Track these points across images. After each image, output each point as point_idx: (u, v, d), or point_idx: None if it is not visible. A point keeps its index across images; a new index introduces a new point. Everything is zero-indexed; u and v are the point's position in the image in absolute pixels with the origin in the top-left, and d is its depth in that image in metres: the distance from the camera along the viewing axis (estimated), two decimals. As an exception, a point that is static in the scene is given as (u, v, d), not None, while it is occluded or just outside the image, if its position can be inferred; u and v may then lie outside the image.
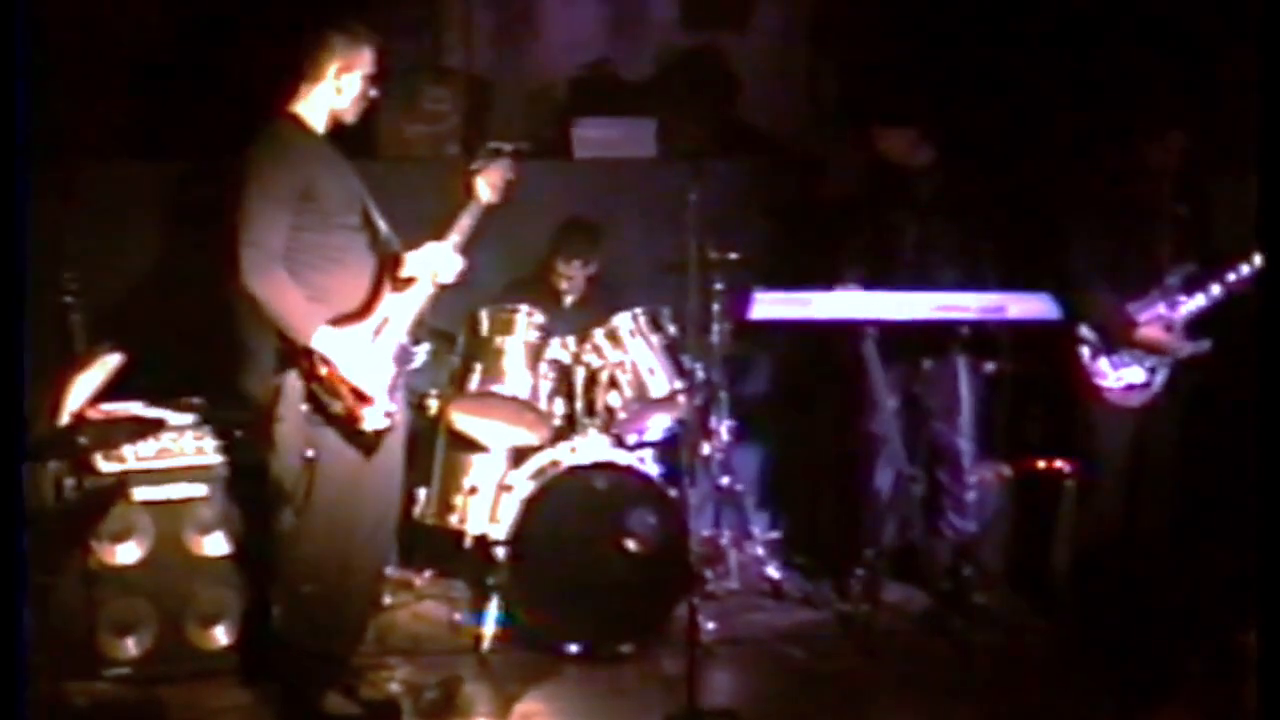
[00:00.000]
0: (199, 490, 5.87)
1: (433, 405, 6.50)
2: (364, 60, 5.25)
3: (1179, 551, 6.54)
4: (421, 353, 5.43)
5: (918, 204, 6.73)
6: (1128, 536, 6.51)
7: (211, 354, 6.57)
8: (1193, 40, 6.81)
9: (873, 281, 6.49)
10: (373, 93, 5.31)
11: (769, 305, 6.17)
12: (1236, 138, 6.40)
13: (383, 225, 5.30)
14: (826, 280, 6.52)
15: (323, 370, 5.01)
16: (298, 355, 5.03)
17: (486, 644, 6.16)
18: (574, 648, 6.16)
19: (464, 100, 7.68)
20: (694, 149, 7.49)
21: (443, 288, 5.38)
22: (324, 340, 5.00)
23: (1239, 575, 6.40)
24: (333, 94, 5.22)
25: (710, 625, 6.28)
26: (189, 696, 5.64)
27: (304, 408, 5.06)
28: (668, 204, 6.40)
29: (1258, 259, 6.04)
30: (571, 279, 7.04)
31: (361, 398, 5.05)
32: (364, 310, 5.15)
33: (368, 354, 5.08)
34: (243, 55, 6.81)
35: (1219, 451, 6.53)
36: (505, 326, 6.34)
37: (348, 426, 5.09)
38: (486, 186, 5.49)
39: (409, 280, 5.25)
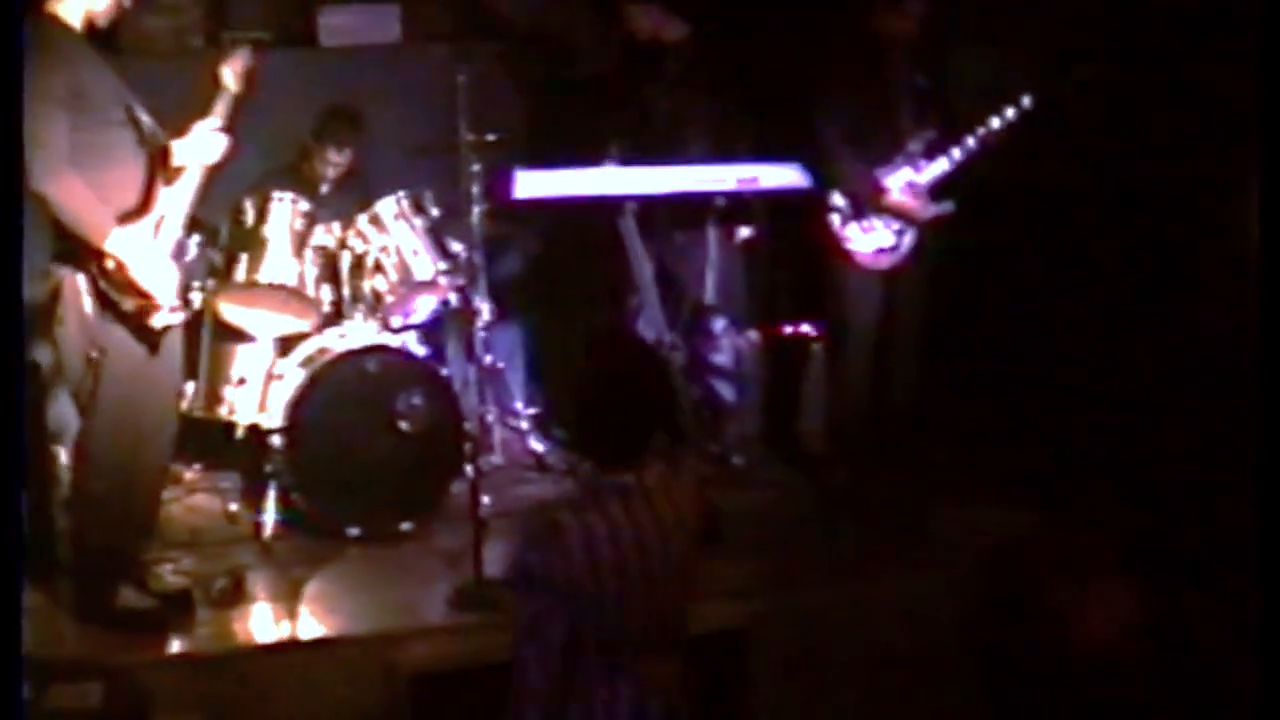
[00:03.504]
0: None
1: (196, 298, 6.46)
2: None
3: (925, 411, 6.89)
4: (193, 245, 5.41)
5: (668, 79, 6.88)
6: (877, 396, 6.81)
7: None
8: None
9: (630, 158, 6.65)
10: (127, 1, 5.26)
11: (532, 184, 6.30)
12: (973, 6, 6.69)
13: (147, 120, 5.26)
14: (584, 159, 6.65)
15: (113, 268, 4.99)
16: (87, 256, 4.99)
17: (267, 532, 6.19)
18: (354, 530, 6.24)
19: (202, -9, 7.56)
20: (444, 32, 7.51)
21: (210, 176, 5.35)
22: (117, 241, 4.97)
23: (980, 436, 6.81)
24: None
25: (485, 499, 6.42)
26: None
27: (89, 306, 5.03)
28: (416, 89, 6.46)
29: (994, 121, 6.36)
30: (336, 165, 7.03)
31: (148, 298, 5.05)
32: (143, 208, 5.12)
33: (153, 250, 5.07)
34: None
35: (964, 310, 6.88)
36: (269, 215, 6.30)
37: (137, 323, 5.08)
38: (231, 76, 5.46)
39: (179, 171, 5.22)
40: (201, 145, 5.27)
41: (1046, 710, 2.16)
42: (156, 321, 5.11)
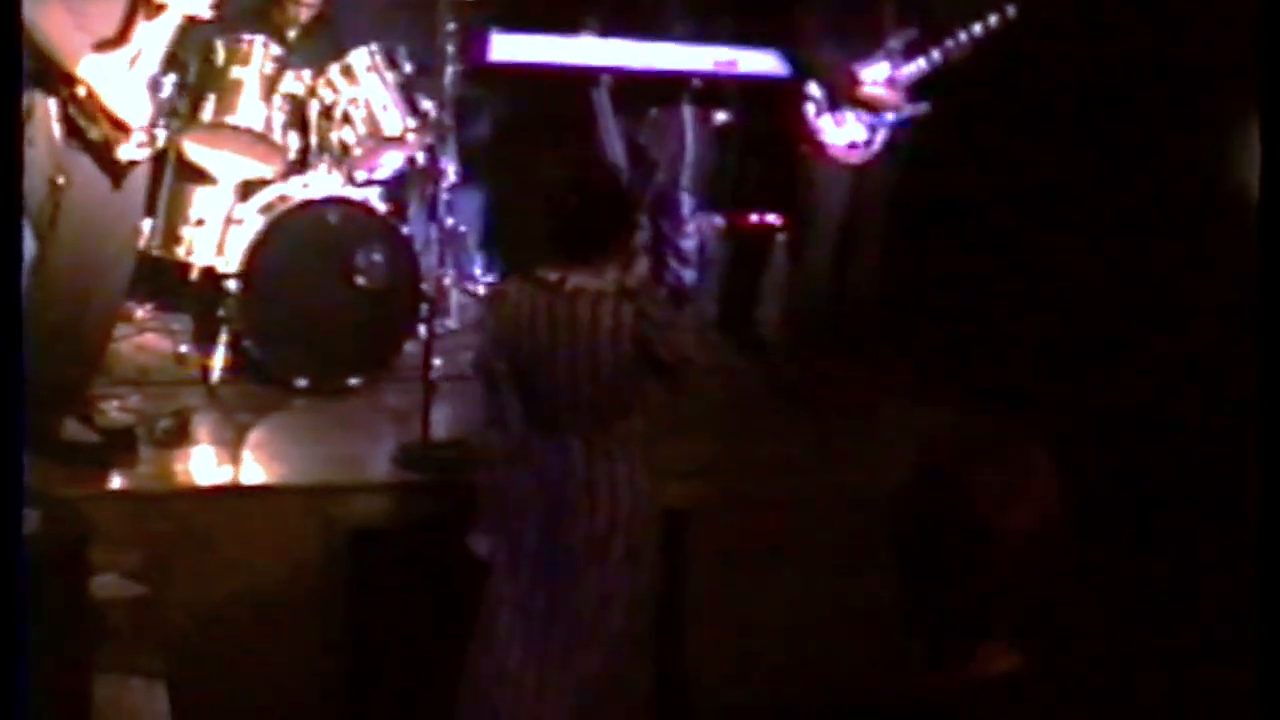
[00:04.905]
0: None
1: (162, 135, 6.37)
2: None
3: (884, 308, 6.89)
4: (168, 84, 5.33)
5: None
6: (836, 291, 6.79)
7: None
8: None
9: (608, 29, 6.58)
10: None
11: (507, 47, 6.23)
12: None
13: None
14: (561, 27, 6.58)
15: (84, 95, 4.92)
16: (59, 80, 4.92)
17: (216, 376, 6.18)
18: (302, 381, 6.22)
19: None
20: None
21: (191, 20, 5.27)
22: (90, 67, 4.90)
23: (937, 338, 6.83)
24: None
25: (436, 361, 6.40)
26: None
27: (57, 132, 4.96)
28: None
29: (976, 28, 6.31)
30: (309, 6, 6.87)
31: (121, 126, 4.98)
32: (120, 38, 5.03)
33: (126, 82, 4.99)
34: None
35: (931, 209, 6.86)
36: (241, 57, 6.19)
37: (102, 153, 5.02)
38: None
39: (160, 8, 5.12)
40: None
41: (960, 591, 2.19)
42: (122, 154, 5.04)
